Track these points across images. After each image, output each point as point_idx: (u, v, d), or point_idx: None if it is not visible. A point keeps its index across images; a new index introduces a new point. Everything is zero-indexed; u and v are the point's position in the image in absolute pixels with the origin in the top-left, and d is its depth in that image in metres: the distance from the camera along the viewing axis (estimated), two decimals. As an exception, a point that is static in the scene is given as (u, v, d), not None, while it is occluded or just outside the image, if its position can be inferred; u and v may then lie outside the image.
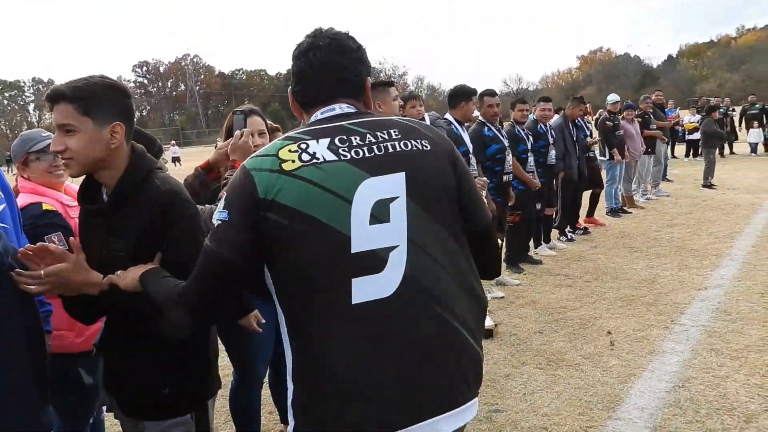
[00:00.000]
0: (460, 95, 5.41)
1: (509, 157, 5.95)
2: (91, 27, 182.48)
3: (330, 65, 1.57)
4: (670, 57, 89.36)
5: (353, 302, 1.37)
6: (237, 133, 2.53)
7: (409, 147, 1.51)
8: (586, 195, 8.82)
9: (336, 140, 1.47)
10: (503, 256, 6.40)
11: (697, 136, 17.99)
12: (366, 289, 1.38)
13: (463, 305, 1.49)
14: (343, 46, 1.58)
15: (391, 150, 1.48)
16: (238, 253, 1.41)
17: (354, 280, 1.38)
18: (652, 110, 11.17)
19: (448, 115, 5.37)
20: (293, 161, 1.42)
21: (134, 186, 1.85)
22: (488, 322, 4.77)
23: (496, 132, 5.90)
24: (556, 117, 7.98)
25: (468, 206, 1.59)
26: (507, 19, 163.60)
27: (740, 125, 20.01)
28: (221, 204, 1.46)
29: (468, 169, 1.65)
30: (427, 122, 4.69)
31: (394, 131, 1.53)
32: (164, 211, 1.83)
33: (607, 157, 9.36)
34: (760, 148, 18.52)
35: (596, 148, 9.02)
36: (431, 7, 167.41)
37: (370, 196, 1.42)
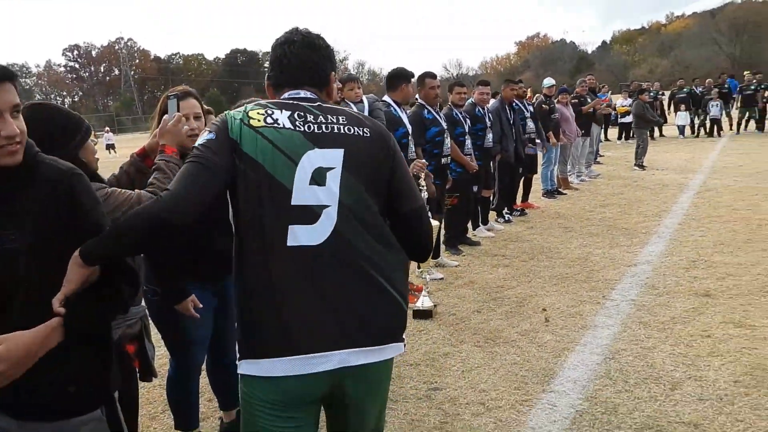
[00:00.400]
0: (400, 77, 5.41)
1: (448, 140, 6.01)
2: (17, 8, 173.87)
3: (300, 57, 1.86)
4: (603, 43, 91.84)
5: (288, 244, 1.66)
6: (166, 117, 2.47)
7: (352, 132, 1.79)
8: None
9: (295, 114, 1.76)
10: (442, 238, 6.48)
11: (629, 119, 18.61)
12: (300, 236, 1.67)
13: (383, 262, 1.76)
14: (313, 44, 1.88)
15: (336, 131, 1.77)
16: (223, 161, 1.66)
17: (291, 227, 1.67)
18: (587, 94, 11.48)
19: (386, 97, 5.37)
20: (258, 120, 1.72)
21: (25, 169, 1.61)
22: (428, 303, 4.83)
23: (436, 115, 5.94)
24: (493, 101, 8.10)
25: (400, 189, 1.85)
26: (449, 4, 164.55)
27: (669, 109, 20.80)
28: (206, 131, 1.73)
29: (402, 158, 1.91)
30: (366, 104, 4.69)
31: (342, 118, 1.82)
32: (68, 193, 1.63)
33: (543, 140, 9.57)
34: (687, 130, 19.31)
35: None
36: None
37: (313, 163, 1.71)
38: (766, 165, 11.86)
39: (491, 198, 8.02)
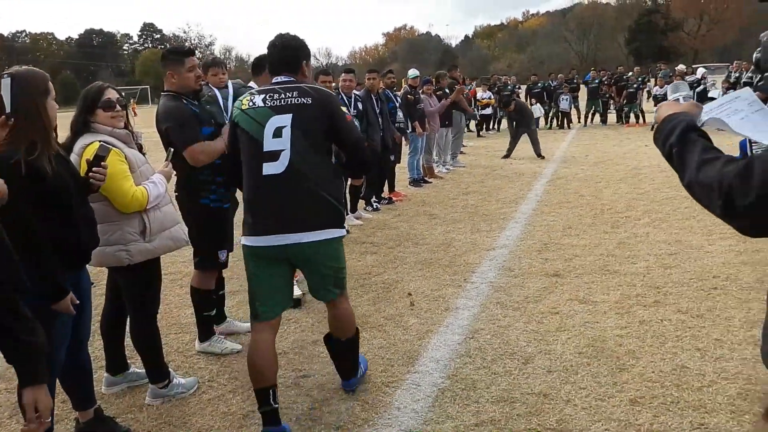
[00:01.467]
0: (265, 64, 5.32)
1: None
2: None
3: (279, 55, 3.09)
4: (466, 37, 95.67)
5: (263, 173, 2.90)
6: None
7: (299, 101, 2.94)
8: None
9: (266, 96, 2.97)
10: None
11: (489, 111, 19.57)
12: (269, 168, 2.89)
13: (320, 179, 2.95)
14: (288, 44, 3.11)
15: (288, 102, 2.94)
16: (234, 134, 3.07)
17: (264, 164, 2.90)
18: (454, 84, 11.95)
19: (252, 83, 5.26)
20: (245, 105, 2.99)
21: None
22: (296, 292, 4.83)
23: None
24: (361, 91, 8.20)
25: (340, 136, 3.05)
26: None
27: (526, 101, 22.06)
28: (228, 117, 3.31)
29: (340, 112, 3.04)
30: (231, 90, 4.60)
31: (295, 93, 2.96)
32: None
33: (410, 129, 9.82)
34: (541, 122, 20.63)
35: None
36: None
37: (273, 124, 2.90)
38: (608, 155, 12.97)
39: (360, 186, 8.13)
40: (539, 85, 20.68)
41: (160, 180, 3.27)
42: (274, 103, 2.94)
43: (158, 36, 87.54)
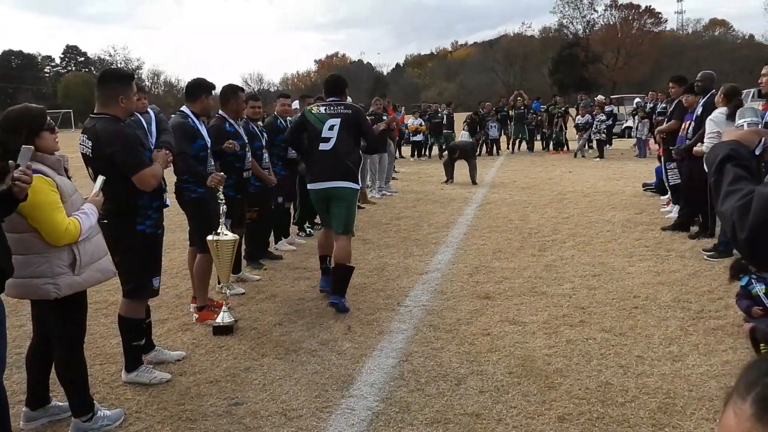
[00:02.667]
0: (200, 88, 5.26)
1: (249, 154, 5.97)
2: None
3: (332, 86, 5.42)
4: (397, 65, 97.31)
5: (319, 149, 5.15)
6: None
7: (344, 111, 5.21)
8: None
9: (326, 107, 5.25)
10: (243, 252, 6.42)
11: (420, 138, 19.92)
12: (322, 146, 5.13)
13: (348, 157, 5.16)
14: (337, 80, 5.51)
15: (338, 111, 5.19)
16: (301, 126, 5.43)
17: (320, 144, 5.14)
18: (383, 112, 12.10)
19: (185, 108, 5.20)
20: (315, 110, 5.29)
21: None
22: (228, 319, 4.75)
23: (237, 128, 5.87)
24: (296, 116, 8.23)
25: (364, 133, 5.34)
26: (248, 17, 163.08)
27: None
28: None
29: (365, 118, 5.53)
30: (152, 115, 4.54)
31: (341, 107, 5.24)
32: None
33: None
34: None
35: None
36: (168, 1, 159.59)
37: (329, 123, 5.15)
38: (535, 181, 13.42)
39: (293, 212, 8.09)
40: (439, 114, 20.89)
41: (92, 210, 3.18)
42: (330, 111, 5.24)
43: (82, 59, 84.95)
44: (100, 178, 3.41)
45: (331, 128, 5.12)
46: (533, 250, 7.09)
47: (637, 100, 21.17)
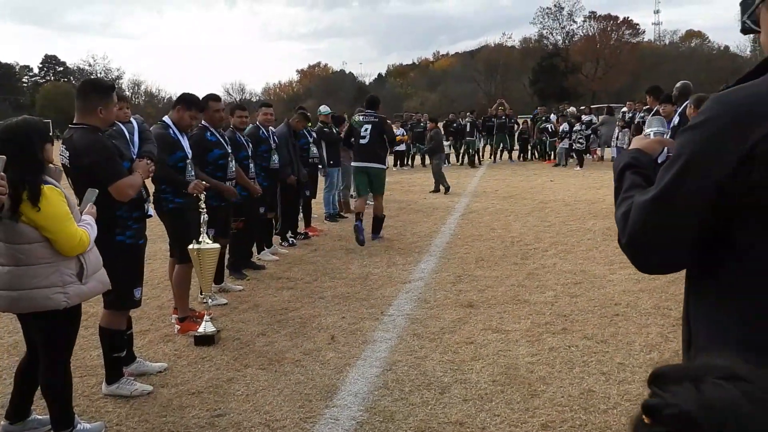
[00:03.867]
0: (179, 100, 5.24)
1: (232, 163, 5.95)
2: None
3: (368, 102, 8.87)
4: (380, 75, 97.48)
5: (360, 143, 8.42)
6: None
7: (374, 119, 8.46)
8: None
9: (362, 116, 8.63)
10: (226, 262, 6.39)
11: (402, 147, 19.98)
12: (362, 141, 8.39)
13: (379, 148, 8.47)
14: (373, 98, 8.93)
15: (369, 120, 8.43)
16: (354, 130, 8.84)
17: (360, 140, 8.40)
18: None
19: (166, 118, 5.18)
20: (355, 119, 8.90)
21: None
22: (210, 328, 4.71)
23: (219, 137, 5.85)
24: (280, 126, 8.25)
25: (386, 133, 8.63)
26: (227, 26, 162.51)
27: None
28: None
29: (388, 124, 9.37)
30: (135, 125, 4.51)
31: (372, 116, 8.47)
32: None
33: (325, 165, 9.89)
34: (452, 158, 21.29)
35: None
36: (150, 11, 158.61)
37: (364, 126, 8.40)
38: (516, 190, 13.52)
39: (274, 221, 8.07)
40: (454, 125, 21.16)
41: (92, 222, 3.22)
42: (365, 119, 8.35)
43: (61, 69, 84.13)
44: (92, 191, 3.40)
45: (365, 130, 8.34)
46: (516, 258, 7.13)
47: (624, 108, 21.36)
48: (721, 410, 0.61)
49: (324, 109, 10.55)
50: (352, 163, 8.81)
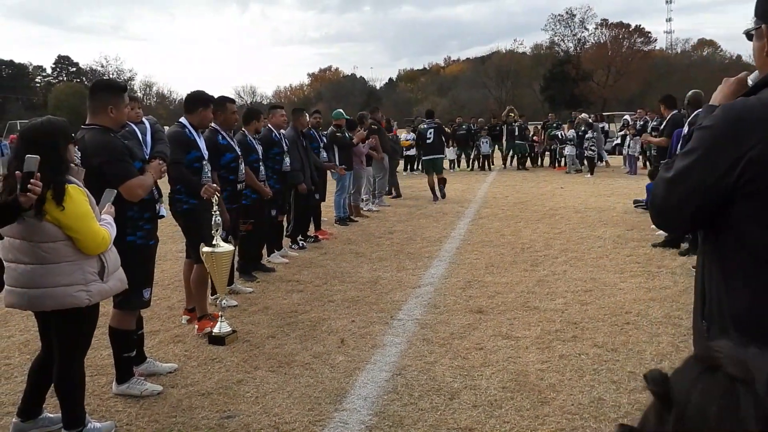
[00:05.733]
0: (198, 101, 5.26)
1: (242, 166, 5.97)
2: None
3: (427, 114, 14.56)
4: (390, 80, 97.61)
5: (426, 143, 13.15)
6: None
7: (435, 125, 13.42)
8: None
9: (426, 123, 13.62)
10: (236, 264, 6.40)
11: (412, 152, 19.96)
12: (428, 141, 13.09)
13: (441, 145, 13.59)
14: (430, 111, 14.98)
15: (431, 126, 13.28)
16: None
17: (427, 140, 13.11)
18: (376, 126, 12.19)
19: (183, 119, 5.20)
20: (420, 126, 14.14)
21: None
22: (225, 329, 4.74)
23: (230, 140, 5.88)
24: (288, 129, 8.25)
25: (444, 135, 14.71)
26: (241, 28, 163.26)
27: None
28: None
29: (443, 128, 15.60)
30: (147, 126, 4.54)
31: (434, 123, 13.59)
32: None
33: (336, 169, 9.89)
34: (463, 163, 21.23)
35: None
36: (161, 13, 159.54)
37: (428, 131, 13.14)
38: (527, 196, 13.48)
39: (285, 223, 8.09)
40: (464, 127, 21.16)
41: (112, 221, 3.26)
42: (429, 125, 13.27)
43: (74, 69, 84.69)
44: (111, 192, 3.43)
45: (430, 133, 12.91)
46: (525, 265, 7.11)
47: (625, 117, 21.37)
48: None
49: (338, 113, 10.57)
50: (423, 158, 13.88)
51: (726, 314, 1.59)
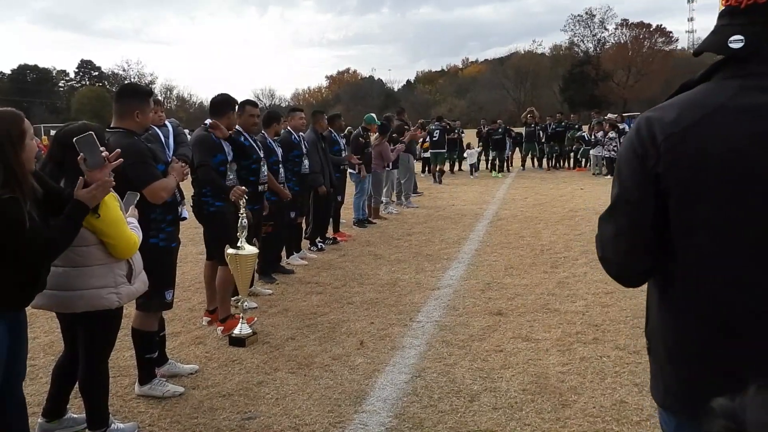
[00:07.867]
0: (225, 104, 5.34)
1: (264, 168, 6.01)
2: None
3: (437, 118, 18.62)
4: (408, 82, 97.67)
5: (433, 140, 17.15)
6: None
7: (441, 126, 17.14)
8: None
9: (435, 124, 17.54)
10: (255, 266, 6.44)
11: (428, 154, 19.88)
12: (434, 137, 17.19)
13: (445, 142, 17.66)
14: (440, 115, 19.46)
15: (438, 127, 17.34)
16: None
17: (433, 138, 17.20)
18: (408, 126, 12.33)
19: (208, 121, 5.27)
20: (429, 127, 17.69)
21: None
22: (247, 330, 4.77)
23: (252, 142, 5.92)
24: (307, 131, 8.29)
25: (449, 133, 18.28)
26: (260, 33, 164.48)
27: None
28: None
29: (447, 129, 18.33)
30: (170, 129, 4.59)
31: (441, 124, 17.62)
32: None
33: (356, 170, 9.91)
34: (482, 165, 21.13)
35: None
36: (182, 17, 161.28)
37: (436, 131, 17.02)
38: (546, 198, 13.40)
39: (303, 226, 8.12)
40: (500, 131, 20.45)
41: (137, 224, 3.31)
42: (436, 126, 17.14)
43: (96, 73, 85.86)
44: (134, 194, 3.46)
45: (436, 133, 16.60)
46: (545, 266, 7.07)
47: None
48: None
49: (370, 117, 10.65)
50: (430, 150, 16.64)
51: (650, 332, 1.59)
